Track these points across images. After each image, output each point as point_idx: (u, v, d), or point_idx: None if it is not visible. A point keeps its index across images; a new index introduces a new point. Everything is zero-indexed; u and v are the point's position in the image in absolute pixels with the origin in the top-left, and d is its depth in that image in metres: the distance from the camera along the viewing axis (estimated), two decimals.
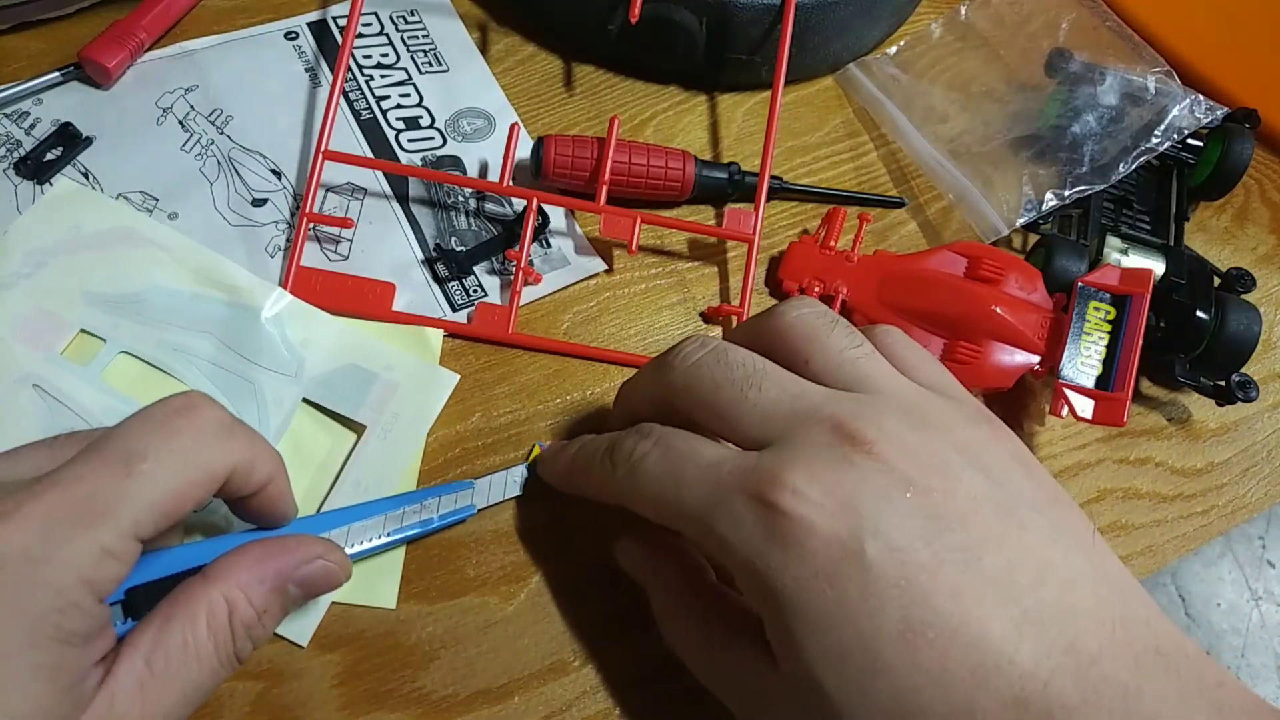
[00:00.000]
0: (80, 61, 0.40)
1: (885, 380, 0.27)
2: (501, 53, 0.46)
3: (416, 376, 0.36)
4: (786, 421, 0.26)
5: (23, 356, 0.33)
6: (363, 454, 0.34)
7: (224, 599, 0.25)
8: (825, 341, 0.28)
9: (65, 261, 0.35)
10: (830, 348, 0.28)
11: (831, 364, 0.27)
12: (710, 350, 0.28)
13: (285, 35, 0.44)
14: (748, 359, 0.28)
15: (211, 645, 0.24)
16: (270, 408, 0.34)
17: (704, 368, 0.28)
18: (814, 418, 0.25)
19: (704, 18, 0.42)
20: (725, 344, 0.29)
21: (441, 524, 0.32)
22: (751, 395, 0.27)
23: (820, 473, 0.24)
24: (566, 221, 0.41)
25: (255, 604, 0.25)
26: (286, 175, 0.40)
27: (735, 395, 0.27)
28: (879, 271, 0.39)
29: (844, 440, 0.24)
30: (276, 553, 0.26)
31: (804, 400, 0.26)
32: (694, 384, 0.28)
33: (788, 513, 0.23)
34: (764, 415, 0.26)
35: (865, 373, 0.27)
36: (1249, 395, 0.38)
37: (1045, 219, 0.42)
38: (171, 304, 0.35)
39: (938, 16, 0.49)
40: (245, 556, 0.26)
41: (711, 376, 0.27)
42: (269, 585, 0.26)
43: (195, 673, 0.24)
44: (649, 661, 0.32)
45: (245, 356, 0.35)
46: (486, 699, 0.31)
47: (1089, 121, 0.43)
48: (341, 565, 0.28)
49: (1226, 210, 0.48)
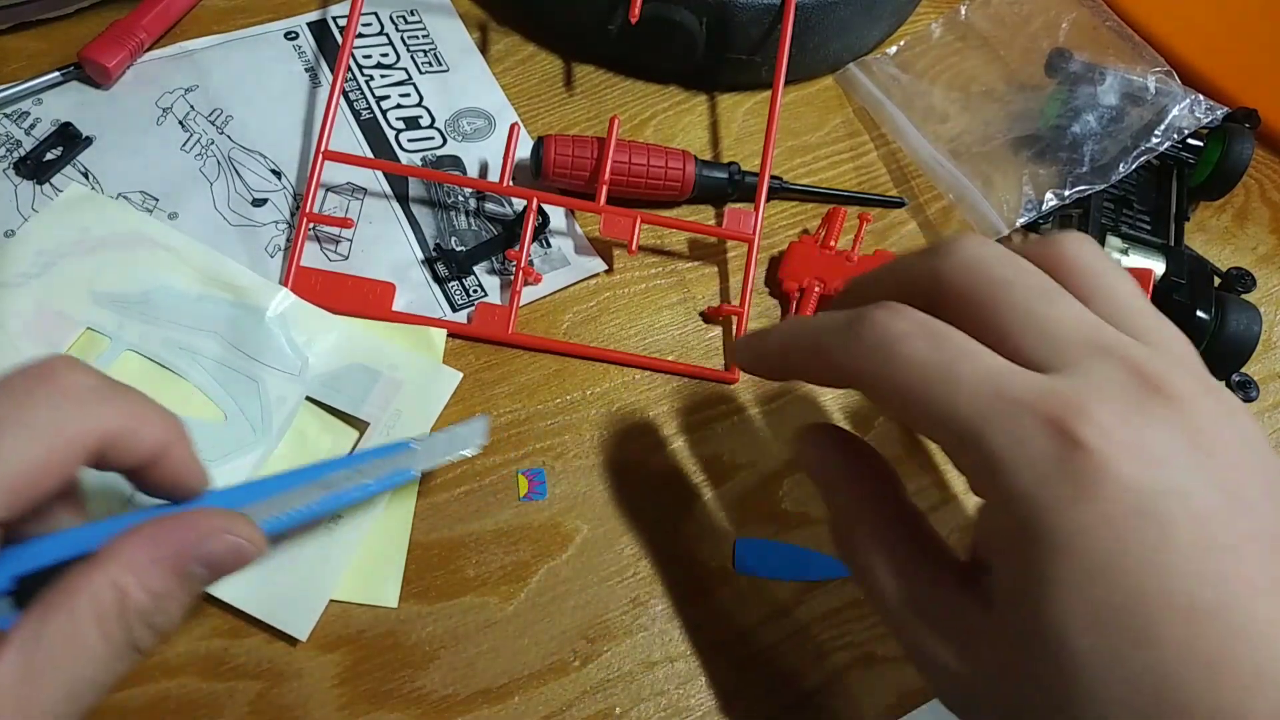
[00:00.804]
0: (80, 61, 0.40)
1: (1172, 340, 0.24)
2: (501, 53, 0.46)
3: (420, 375, 0.36)
4: (1082, 350, 0.23)
5: (30, 354, 0.33)
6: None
7: (112, 584, 0.22)
8: (1116, 282, 0.25)
9: (74, 262, 0.35)
10: (1121, 290, 0.25)
11: (1124, 306, 0.24)
12: (998, 250, 0.25)
13: (285, 35, 0.44)
14: (1036, 271, 0.24)
15: (98, 636, 0.22)
16: (274, 406, 0.34)
17: (995, 263, 0.24)
18: (1114, 355, 0.22)
19: (704, 18, 0.42)
20: (1010, 249, 0.25)
21: (380, 488, 0.30)
22: (1045, 309, 0.23)
23: (1129, 415, 0.21)
24: (566, 221, 0.41)
25: (151, 588, 0.22)
26: (286, 175, 0.40)
27: (1027, 302, 0.24)
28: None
29: (1150, 388, 0.22)
30: (173, 529, 0.23)
31: (1104, 334, 0.23)
32: (977, 276, 0.24)
33: (1090, 448, 0.21)
34: (1060, 335, 0.23)
35: (1155, 325, 0.24)
36: (1249, 395, 0.38)
37: (1045, 219, 0.42)
38: (177, 304, 0.35)
39: (938, 16, 0.49)
40: (137, 535, 0.23)
41: (1004, 275, 0.24)
42: (166, 567, 0.23)
43: (81, 667, 0.21)
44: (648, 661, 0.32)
45: (250, 355, 0.35)
46: (486, 699, 0.31)
47: (1089, 121, 0.43)
48: (252, 539, 0.25)
49: (1226, 210, 0.48)
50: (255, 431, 0.34)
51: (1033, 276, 0.24)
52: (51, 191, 0.38)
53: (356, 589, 0.32)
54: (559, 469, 0.35)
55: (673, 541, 0.35)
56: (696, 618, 0.33)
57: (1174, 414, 0.22)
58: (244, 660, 0.30)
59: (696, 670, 0.33)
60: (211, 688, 0.30)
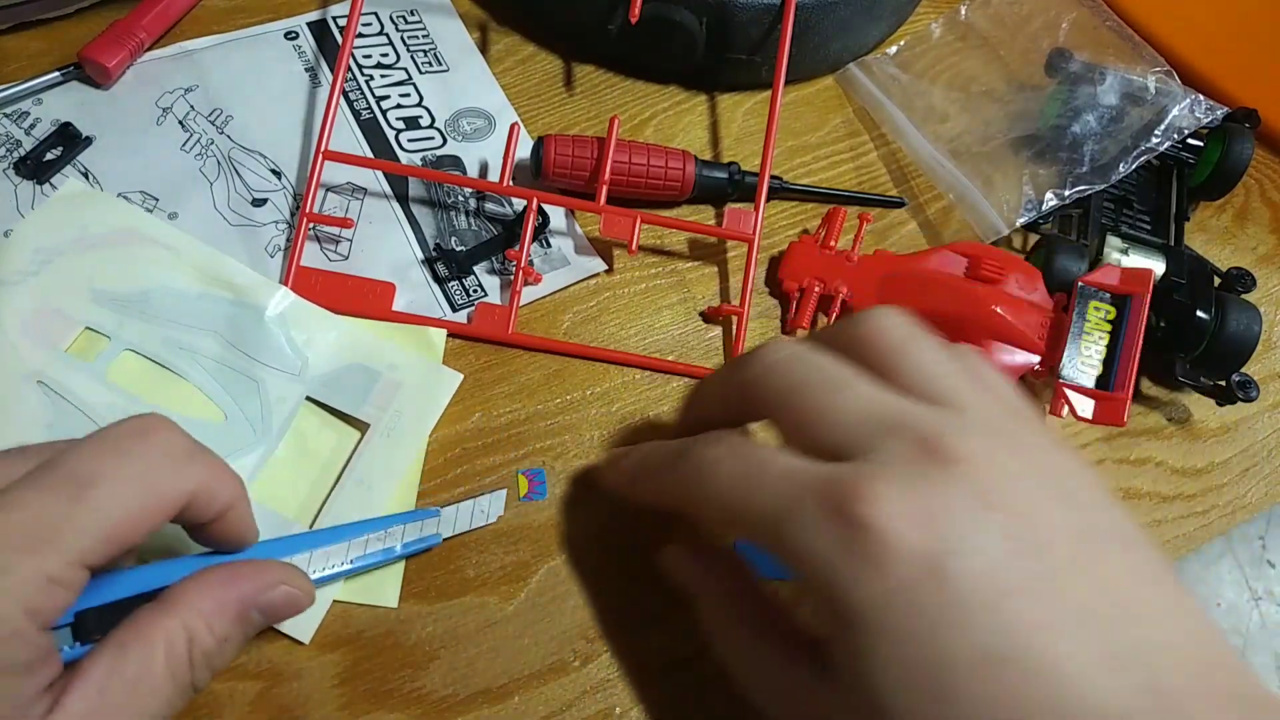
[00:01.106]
0: (80, 61, 0.40)
1: (973, 398, 0.26)
2: (501, 53, 0.46)
3: (420, 375, 0.36)
4: (871, 430, 0.24)
5: (28, 353, 0.33)
6: (366, 451, 0.34)
7: (184, 628, 0.24)
8: (915, 353, 0.26)
9: (72, 260, 0.35)
10: (920, 360, 0.26)
11: (921, 376, 0.26)
12: (793, 351, 0.27)
13: (285, 35, 0.44)
14: (831, 363, 0.26)
15: (168, 676, 0.23)
16: (274, 406, 0.34)
17: (786, 367, 0.27)
18: (900, 429, 0.24)
19: (704, 18, 0.42)
20: (808, 346, 0.27)
21: (404, 553, 0.32)
22: (836, 400, 0.25)
23: (905, 486, 0.23)
24: (566, 221, 0.41)
25: (216, 632, 0.24)
26: (286, 175, 0.40)
27: (818, 398, 0.25)
28: (879, 271, 0.40)
29: (931, 455, 0.23)
30: (239, 578, 0.26)
31: (890, 410, 0.25)
32: (775, 383, 0.27)
33: (869, 525, 0.22)
34: (847, 422, 0.25)
35: (953, 388, 0.26)
36: (1249, 395, 0.38)
37: (1045, 219, 0.42)
38: (177, 302, 0.35)
39: (938, 16, 0.49)
40: (207, 583, 0.25)
41: (794, 377, 0.26)
42: (232, 612, 0.25)
43: (149, 703, 0.23)
44: (649, 661, 0.32)
45: (249, 355, 0.35)
46: (486, 699, 0.31)
47: (1089, 121, 0.43)
48: (305, 590, 0.27)
49: (1226, 210, 0.48)
50: (255, 431, 0.34)
51: (825, 370, 0.26)
52: (52, 191, 0.38)
53: (357, 589, 0.32)
54: (559, 469, 0.35)
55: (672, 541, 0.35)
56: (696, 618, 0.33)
57: (959, 476, 0.23)
58: (244, 660, 0.30)
59: (697, 670, 0.32)
60: (212, 687, 0.30)
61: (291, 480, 0.33)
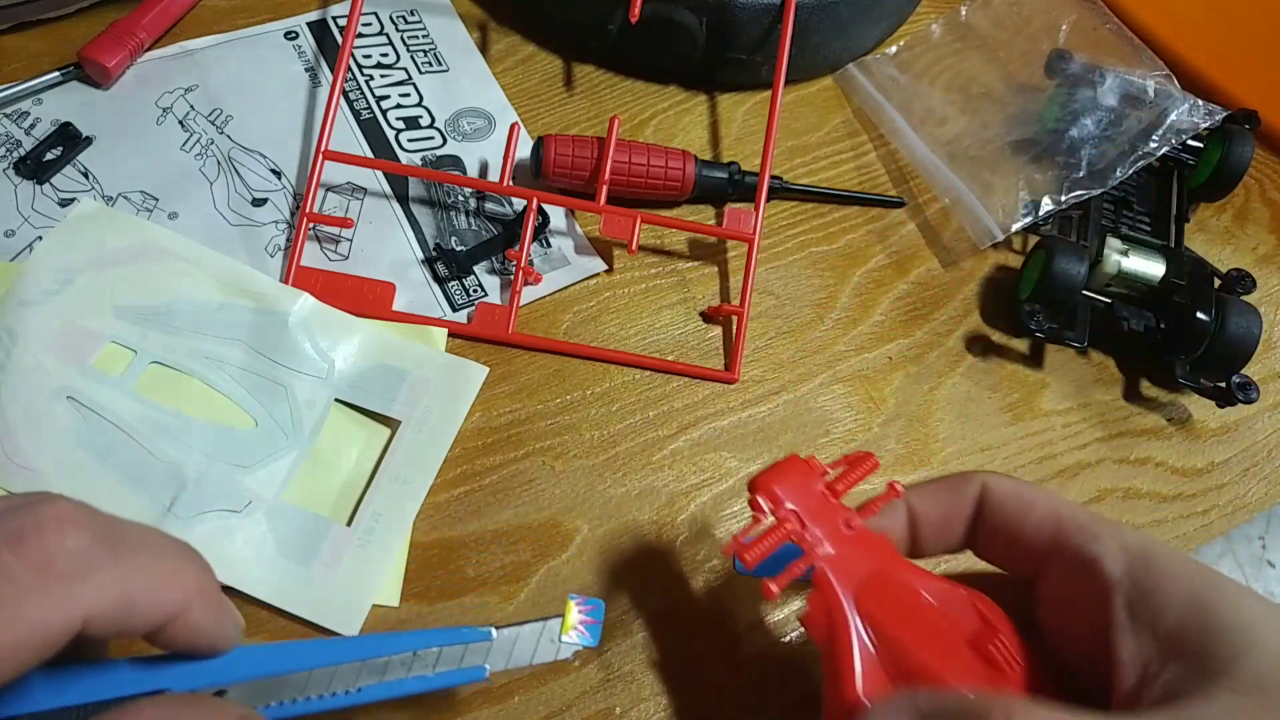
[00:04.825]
0: (80, 61, 0.40)
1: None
2: (501, 53, 0.46)
3: (446, 371, 0.36)
4: None
5: (55, 370, 0.33)
6: (400, 448, 0.34)
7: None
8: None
9: (93, 277, 0.35)
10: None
11: None
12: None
13: (285, 35, 0.44)
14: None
15: None
16: (304, 409, 0.34)
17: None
18: None
19: (704, 18, 0.42)
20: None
21: (441, 684, 0.25)
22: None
23: None
24: (566, 221, 0.41)
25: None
26: (286, 175, 0.40)
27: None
28: (873, 562, 0.28)
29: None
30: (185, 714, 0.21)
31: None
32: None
33: None
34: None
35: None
36: (1249, 396, 0.38)
37: (1044, 221, 0.42)
38: (200, 314, 0.35)
39: (938, 17, 0.49)
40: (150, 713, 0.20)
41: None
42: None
43: None
44: (649, 661, 0.32)
45: (276, 361, 0.35)
46: (486, 699, 0.31)
47: (1087, 125, 0.43)
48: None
49: (1226, 210, 0.48)
50: (287, 436, 0.34)
51: None
52: (52, 192, 0.38)
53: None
54: (559, 469, 0.35)
55: (672, 541, 0.35)
56: (696, 618, 0.33)
57: None
58: None
59: (696, 670, 0.32)
60: None
61: (325, 480, 0.34)
